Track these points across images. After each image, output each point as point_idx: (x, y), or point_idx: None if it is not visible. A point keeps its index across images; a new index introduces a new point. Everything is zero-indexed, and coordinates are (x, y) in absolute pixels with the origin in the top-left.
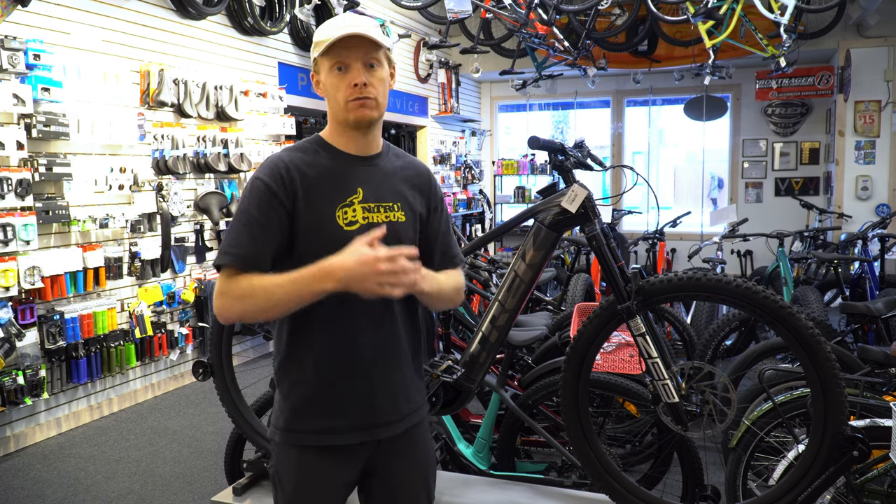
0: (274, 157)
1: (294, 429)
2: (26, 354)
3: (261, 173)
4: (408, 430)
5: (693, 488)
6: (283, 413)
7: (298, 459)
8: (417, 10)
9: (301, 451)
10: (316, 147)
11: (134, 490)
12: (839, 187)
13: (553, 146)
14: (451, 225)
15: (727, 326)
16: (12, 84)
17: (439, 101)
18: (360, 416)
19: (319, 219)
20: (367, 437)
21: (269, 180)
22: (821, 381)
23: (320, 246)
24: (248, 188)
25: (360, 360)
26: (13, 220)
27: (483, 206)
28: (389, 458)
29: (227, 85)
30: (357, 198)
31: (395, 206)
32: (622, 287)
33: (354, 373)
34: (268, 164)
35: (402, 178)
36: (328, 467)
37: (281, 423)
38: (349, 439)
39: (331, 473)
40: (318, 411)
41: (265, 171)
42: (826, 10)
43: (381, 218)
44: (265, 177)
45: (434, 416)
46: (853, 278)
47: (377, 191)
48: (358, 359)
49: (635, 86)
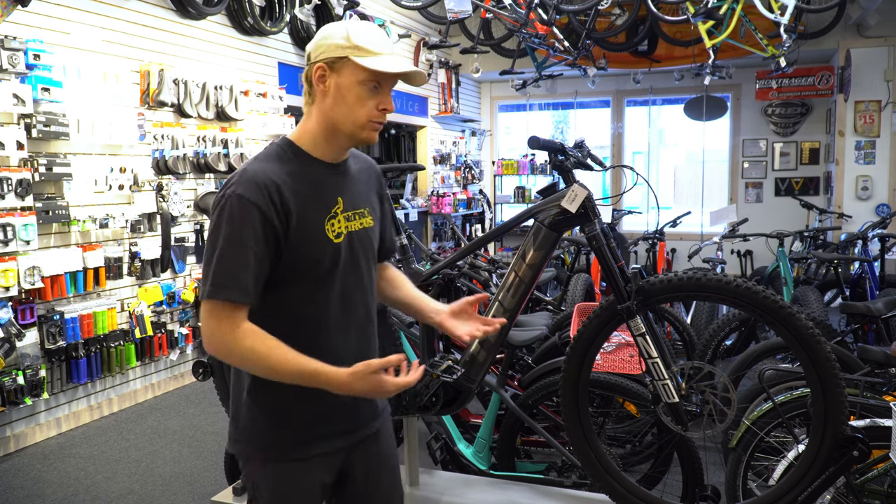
0: (256, 172)
1: (279, 444)
2: (26, 354)
3: (247, 192)
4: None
5: (693, 488)
6: (262, 429)
7: (282, 474)
8: (417, 10)
9: (284, 465)
10: (290, 155)
11: (134, 490)
12: (839, 187)
13: (553, 146)
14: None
15: (727, 326)
16: (12, 84)
17: (439, 101)
18: (345, 421)
19: (310, 232)
20: (351, 440)
21: (262, 204)
22: (821, 381)
23: (313, 259)
24: (232, 207)
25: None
26: (13, 220)
27: (483, 206)
28: (363, 456)
29: (227, 85)
30: (339, 208)
31: (366, 212)
32: (622, 287)
33: None
34: (251, 180)
35: (364, 181)
36: (311, 475)
37: (262, 441)
38: (335, 444)
39: (314, 481)
40: (304, 422)
41: (251, 190)
42: (826, 10)
43: (358, 226)
44: (253, 197)
45: (434, 416)
46: (853, 278)
47: (352, 198)
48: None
49: (635, 86)
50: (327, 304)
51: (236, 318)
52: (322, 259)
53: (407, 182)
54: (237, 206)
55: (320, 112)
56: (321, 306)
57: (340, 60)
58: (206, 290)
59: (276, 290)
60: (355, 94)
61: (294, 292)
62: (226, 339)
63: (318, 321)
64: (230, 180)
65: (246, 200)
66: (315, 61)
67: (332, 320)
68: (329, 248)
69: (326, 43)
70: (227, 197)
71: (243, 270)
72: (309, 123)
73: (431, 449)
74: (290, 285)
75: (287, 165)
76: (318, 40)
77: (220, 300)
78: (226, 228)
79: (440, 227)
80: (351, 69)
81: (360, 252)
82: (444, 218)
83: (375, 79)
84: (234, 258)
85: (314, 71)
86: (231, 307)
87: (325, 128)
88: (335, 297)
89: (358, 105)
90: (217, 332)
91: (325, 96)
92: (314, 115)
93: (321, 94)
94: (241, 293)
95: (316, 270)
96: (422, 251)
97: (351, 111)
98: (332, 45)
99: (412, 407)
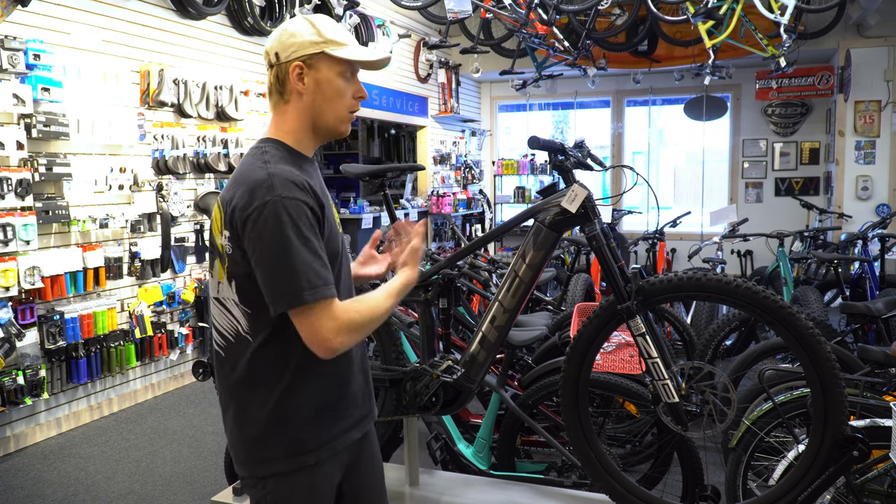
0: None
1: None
2: (26, 354)
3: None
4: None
5: (693, 488)
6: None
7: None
8: (417, 10)
9: (311, 471)
10: (289, 154)
11: (134, 490)
12: (839, 187)
13: (553, 146)
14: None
15: (727, 326)
16: (12, 84)
17: (439, 101)
18: (362, 406)
19: (332, 224)
20: (365, 428)
21: (308, 200)
22: (821, 381)
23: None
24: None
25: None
26: (13, 220)
27: (483, 206)
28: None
29: (227, 85)
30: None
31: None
32: (622, 287)
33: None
34: (291, 183)
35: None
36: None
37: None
38: (354, 434)
39: (334, 481)
40: (333, 416)
41: (296, 191)
42: (826, 10)
43: (337, 215)
44: (302, 197)
45: (434, 416)
46: (853, 278)
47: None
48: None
49: (635, 86)
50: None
51: (336, 309)
52: (340, 249)
53: (407, 182)
54: (292, 206)
55: (299, 110)
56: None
57: (316, 56)
58: (301, 297)
59: None
60: (335, 88)
61: None
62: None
63: None
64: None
65: (297, 201)
66: (289, 60)
67: None
68: (341, 237)
69: (296, 41)
70: (275, 202)
71: (324, 268)
72: (288, 123)
73: (431, 449)
74: None
75: (296, 164)
76: (283, 39)
77: (324, 299)
78: (292, 231)
79: (440, 227)
80: (328, 63)
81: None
82: (444, 218)
83: (350, 69)
84: (313, 258)
85: (291, 70)
86: (329, 302)
87: (307, 125)
88: (343, 286)
89: (338, 98)
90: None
91: (304, 94)
92: (292, 114)
93: (298, 93)
94: (331, 287)
95: (336, 260)
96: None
97: (332, 105)
98: (305, 42)
99: (412, 407)
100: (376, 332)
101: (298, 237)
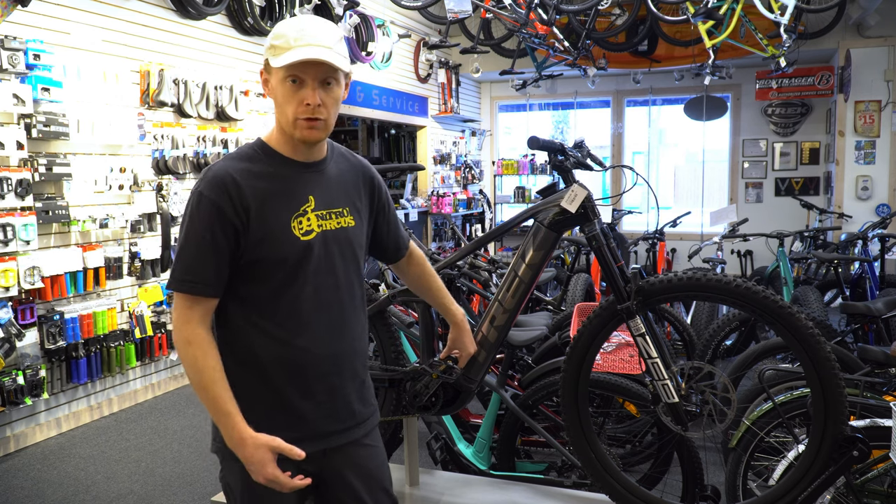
0: (219, 170)
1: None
2: (26, 354)
3: (207, 190)
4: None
5: (693, 488)
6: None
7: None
8: (417, 10)
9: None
10: (261, 154)
11: (134, 490)
12: (839, 187)
13: (553, 146)
14: (397, 218)
15: (727, 326)
16: (12, 84)
17: (439, 101)
18: (320, 425)
19: (274, 230)
20: (325, 445)
21: (217, 198)
22: (821, 381)
23: (277, 255)
24: (194, 204)
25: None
26: (13, 220)
27: (483, 206)
28: (340, 461)
29: (227, 85)
30: (310, 206)
31: (345, 212)
32: (622, 287)
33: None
34: (213, 178)
35: (349, 182)
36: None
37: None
38: (308, 448)
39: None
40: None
41: (211, 187)
42: (826, 10)
43: (334, 225)
44: (212, 194)
45: (434, 416)
46: (853, 278)
47: (328, 197)
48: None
49: (635, 86)
50: (297, 302)
51: (194, 311)
52: (287, 256)
53: (407, 182)
54: (197, 203)
55: (275, 113)
56: (291, 304)
57: (267, 63)
58: (171, 281)
59: (246, 285)
60: (281, 94)
61: (262, 288)
62: (181, 332)
63: (289, 319)
64: (198, 179)
65: (205, 198)
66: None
67: (304, 319)
68: (296, 245)
69: (265, 47)
70: (192, 195)
71: (200, 264)
72: (273, 125)
73: (431, 449)
74: (257, 281)
75: (254, 163)
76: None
77: (180, 293)
78: (188, 225)
79: (440, 227)
80: (274, 70)
81: (336, 252)
82: (444, 218)
83: (292, 74)
84: (192, 253)
85: (260, 77)
86: (190, 299)
87: (280, 129)
88: (307, 297)
89: (285, 104)
90: (176, 322)
91: (272, 99)
92: (275, 117)
93: (271, 98)
94: (195, 285)
95: (282, 267)
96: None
97: (282, 111)
98: (265, 49)
99: (412, 407)
100: (376, 333)
101: (195, 230)
